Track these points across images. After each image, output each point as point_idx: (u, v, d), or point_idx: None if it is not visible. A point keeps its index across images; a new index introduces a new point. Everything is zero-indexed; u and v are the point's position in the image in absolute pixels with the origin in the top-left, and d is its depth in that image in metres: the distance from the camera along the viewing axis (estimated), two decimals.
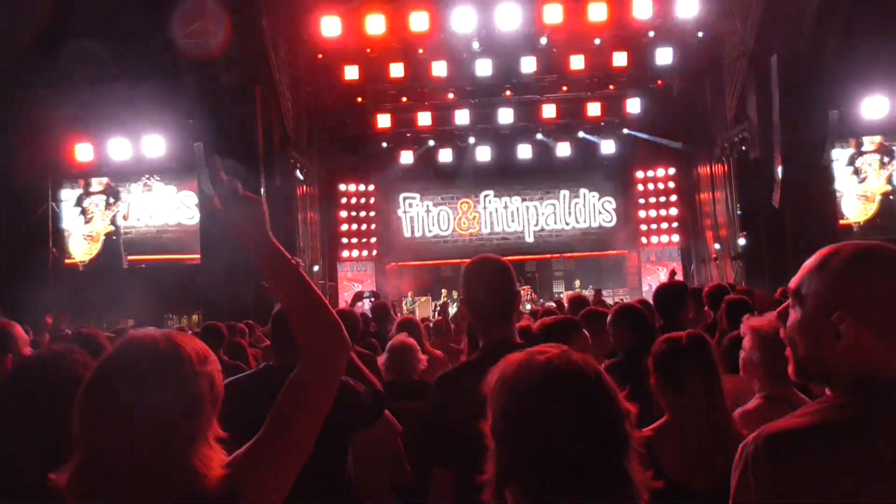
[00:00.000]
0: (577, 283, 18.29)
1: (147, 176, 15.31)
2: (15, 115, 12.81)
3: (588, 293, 16.62)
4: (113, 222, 15.43)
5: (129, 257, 15.32)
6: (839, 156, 14.70)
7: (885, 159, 14.95)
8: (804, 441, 1.20)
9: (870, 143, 14.96)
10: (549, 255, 20.09)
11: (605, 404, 1.19)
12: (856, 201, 14.90)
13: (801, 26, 13.22)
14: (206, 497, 1.23)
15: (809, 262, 1.32)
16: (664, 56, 15.93)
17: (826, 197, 14.21)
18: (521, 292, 15.81)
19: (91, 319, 11.06)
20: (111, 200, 15.45)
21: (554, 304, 9.50)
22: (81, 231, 15.41)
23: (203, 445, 1.26)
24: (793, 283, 1.34)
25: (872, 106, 14.22)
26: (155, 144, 14.60)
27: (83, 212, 15.40)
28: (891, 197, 14.89)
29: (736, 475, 1.24)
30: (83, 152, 14.80)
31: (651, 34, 15.61)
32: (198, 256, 14.71)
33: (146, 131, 14.55)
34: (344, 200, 19.74)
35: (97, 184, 15.48)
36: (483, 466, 1.23)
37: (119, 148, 14.69)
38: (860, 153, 14.92)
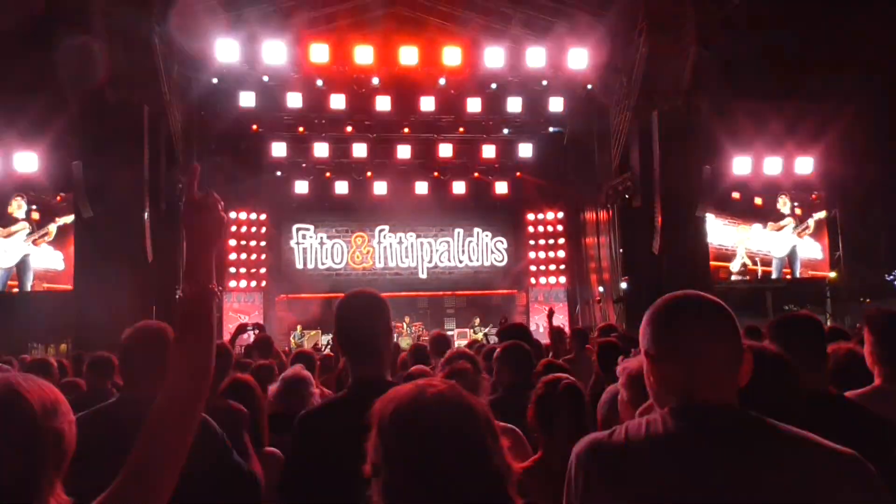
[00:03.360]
0: (477, 320, 18.48)
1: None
2: None
3: (478, 333, 16.82)
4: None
5: None
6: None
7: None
8: (621, 452, 1.37)
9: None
10: (441, 293, 20.24)
11: (493, 439, 1.23)
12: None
13: (679, 86, 14.24)
14: None
15: None
16: (556, 104, 16.67)
17: (699, 245, 15.14)
18: (397, 328, 15.69)
19: None
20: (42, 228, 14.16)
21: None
22: None
23: None
24: None
25: (740, 164, 15.44)
26: (27, 161, 13.68)
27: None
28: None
29: (567, 477, 1.44)
30: None
31: (544, 83, 16.31)
32: (66, 286, 13.86)
33: (19, 147, 13.62)
34: (234, 229, 19.15)
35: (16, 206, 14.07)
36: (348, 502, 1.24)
37: None
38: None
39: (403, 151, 18.02)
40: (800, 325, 2.34)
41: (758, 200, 16.20)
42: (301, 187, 18.67)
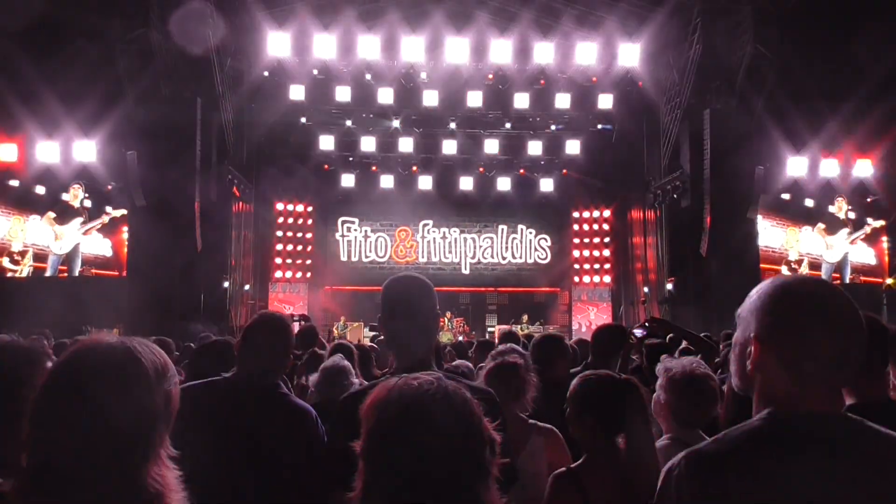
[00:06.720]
0: (525, 317, 18.41)
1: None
2: None
3: (526, 329, 16.74)
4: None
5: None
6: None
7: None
8: (720, 462, 1.27)
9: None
10: (483, 288, 20.22)
11: (469, 431, 1.22)
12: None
13: (733, 85, 13.91)
14: None
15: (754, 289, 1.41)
16: (605, 101, 16.44)
17: (749, 248, 14.80)
18: (442, 318, 15.76)
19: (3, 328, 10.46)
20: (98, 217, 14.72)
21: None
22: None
23: (156, 463, 1.24)
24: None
25: (795, 165, 15.01)
26: (86, 150, 14.09)
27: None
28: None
29: (659, 493, 1.32)
30: (6, 152, 14.15)
31: (593, 79, 16.11)
32: (113, 273, 14.32)
33: (78, 136, 14.04)
34: (281, 220, 19.45)
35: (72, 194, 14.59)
36: None
37: (47, 151, 14.11)
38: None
39: (449, 146, 18.02)
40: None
41: (809, 202, 15.75)
42: (347, 180, 18.84)
